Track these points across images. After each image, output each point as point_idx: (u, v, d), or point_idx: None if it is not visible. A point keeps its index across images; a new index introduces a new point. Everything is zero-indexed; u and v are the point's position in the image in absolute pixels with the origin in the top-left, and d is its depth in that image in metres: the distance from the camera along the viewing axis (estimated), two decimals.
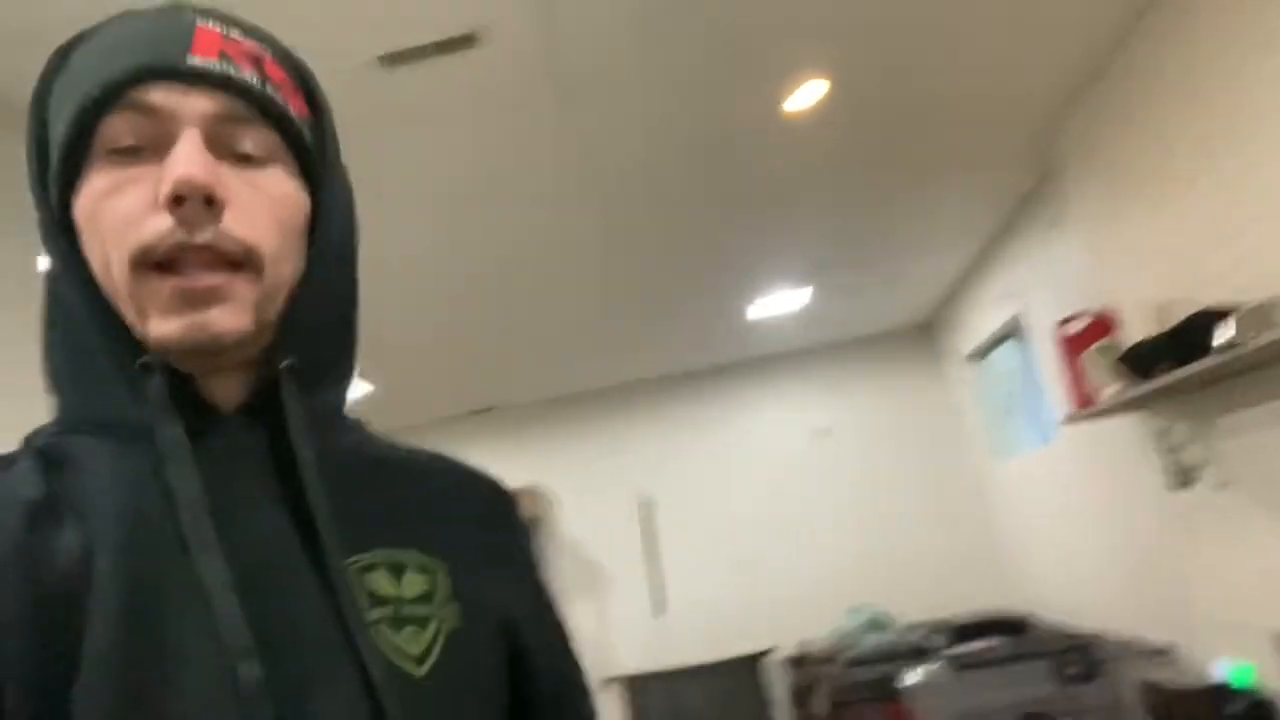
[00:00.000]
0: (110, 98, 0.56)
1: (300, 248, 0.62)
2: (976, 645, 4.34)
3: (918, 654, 4.38)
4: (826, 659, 4.84)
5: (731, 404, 6.10)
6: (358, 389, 5.24)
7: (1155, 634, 3.33)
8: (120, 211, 0.56)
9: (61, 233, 0.60)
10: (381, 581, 0.60)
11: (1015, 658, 4.01)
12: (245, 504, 0.58)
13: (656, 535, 6.00)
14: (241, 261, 0.57)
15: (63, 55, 0.61)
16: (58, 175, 0.59)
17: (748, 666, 5.59)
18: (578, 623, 4.16)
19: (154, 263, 0.55)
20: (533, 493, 6.06)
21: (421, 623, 0.60)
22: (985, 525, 5.52)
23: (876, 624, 4.83)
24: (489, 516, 0.73)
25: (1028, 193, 3.86)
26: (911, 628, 4.84)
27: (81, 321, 0.60)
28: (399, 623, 0.59)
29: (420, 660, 0.58)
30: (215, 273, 0.56)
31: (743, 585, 5.80)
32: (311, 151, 0.64)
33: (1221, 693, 2.54)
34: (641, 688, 5.67)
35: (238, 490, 0.58)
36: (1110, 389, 2.72)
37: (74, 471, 0.57)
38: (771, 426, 6.02)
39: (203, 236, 0.55)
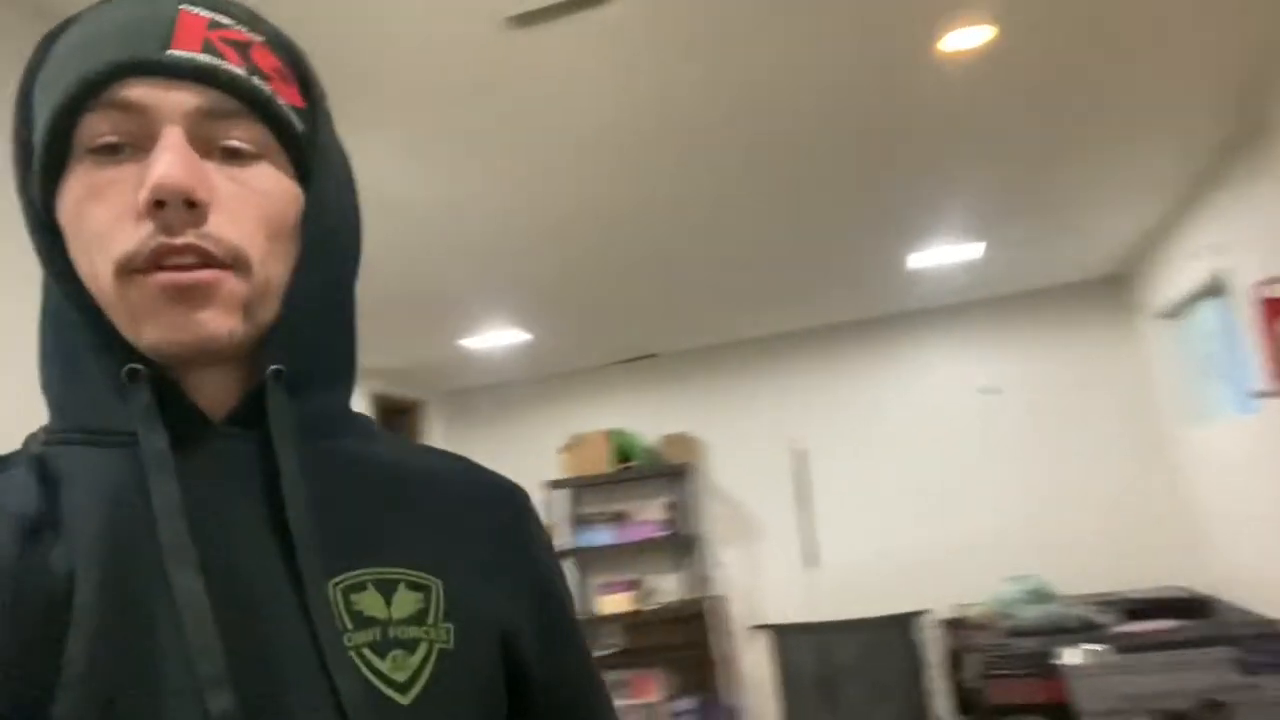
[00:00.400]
0: (88, 95, 0.54)
1: (293, 245, 0.60)
2: (1149, 625, 4.05)
3: (1082, 630, 4.14)
4: (982, 626, 4.66)
5: (892, 357, 5.87)
6: (516, 337, 5.41)
7: None
8: (101, 218, 0.54)
9: (46, 234, 0.58)
10: (370, 601, 0.57)
11: (1194, 641, 3.71)
12: (228, 519, 0.56)
13: (810, 487, 5.92)
14: (228, 263, 0.55)
15: (45, 46, 0.59)
16: (39, 175, 0.57)
17: (900, 625, 5.46)
18: (728, 570, 4.17)
19: (137, 269, 0.54)
20: (686, 440, 6.09)
21: (410, 646, 0.57)
22: (1168, 498, 5.10)
23: (1039, 595, 4.59)
24: (496, 524, 0.69)
25: (1227, 145, 3.44)
26: (1077, 602, 4.57)
27: (70, 325, 0.58)
28: (385, 646, 0.56)
29: (405, 687, 0.56)
30: (200, 271, 0.54)
31: (897, 543, 5.64)
32: (303, 143, 0.61)
33: None
34: (790, 638, 5.66)
35: (221, 504, 0.56)
36: None
37: (64, 482, 0.56)
38: (935, 382, 5.77)
39: (183, 239, 0.53)
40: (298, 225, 0.60)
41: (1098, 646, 3.77)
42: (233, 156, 0.57)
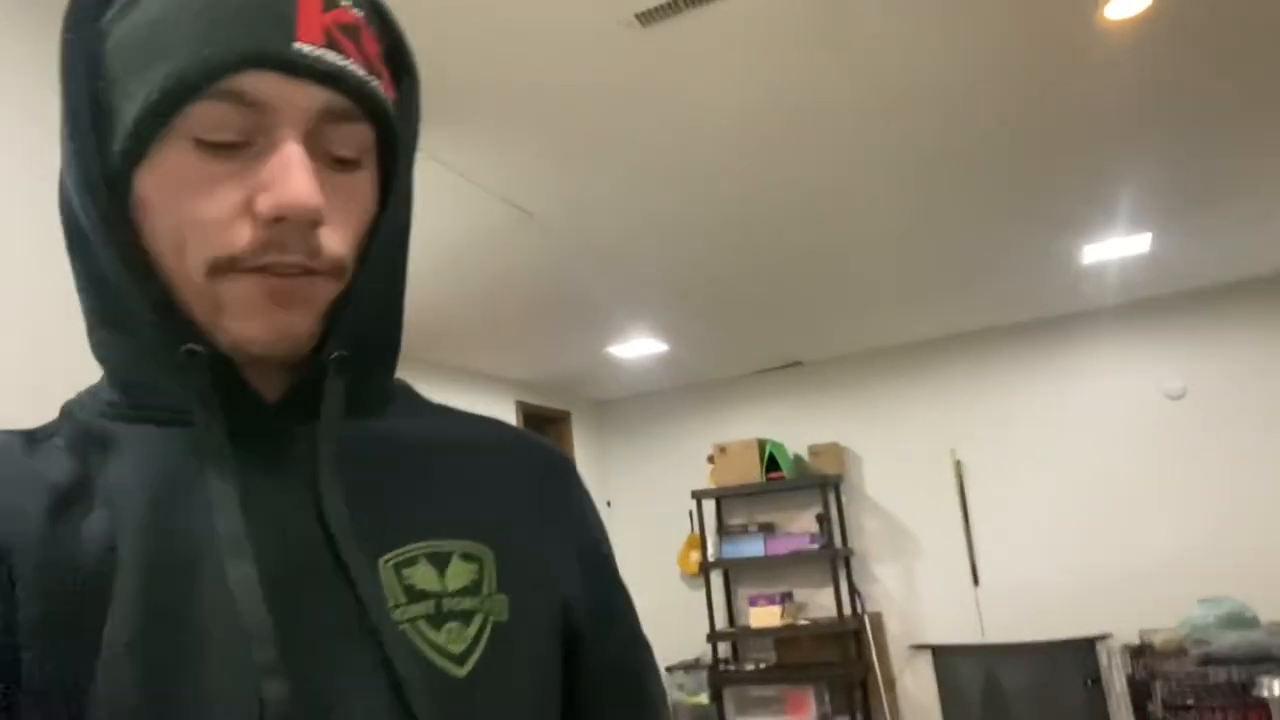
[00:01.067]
0: (206, 81, 0.51)
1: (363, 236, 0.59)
2: None
3: None
4: (1170, 653, 4.25)
5: (1057, 361, 5.49)
6: (657, 346, 5.38)
7: None
8: (205, 211, 0.52)
9: (106, 194, 0.55)
10: (422, 575, 0.57)
11: None
12: (281, 502, 0.55)
13: (970, 500, 5.60)
14: (325, 271, 0.55)
15: None
16: (127, 145, 0.53)
17: (1076, 650, 5.07)
18: (884, 586, 4.00)
19: (235, 268, 0.53)
20: (836, 450, 5.89)
21: (465, 618, 0.57)
22: None
23: (1237, 619, 4.14)
24: (543, 490, 0.68)
25: None
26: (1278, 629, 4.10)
27: (123, 292, 0.56)
28: (440, 619, 0.56)
29: (462, 660, 0.55)
30: (300, 278, 0.54)
31: (1068, 561, 5.25)
32: (399, 143, 0.59)
33: None
34: (954, 659, 5.35)
35: (274, 488, 0.56)
36: None
37: (111, 454, 0.55)
38: (1109, 386, 5.34)
39: (296, 258, 0.53)
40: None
41: None
42: (339, 165, 0.56)
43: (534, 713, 0.60)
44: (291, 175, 0.51)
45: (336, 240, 0.55)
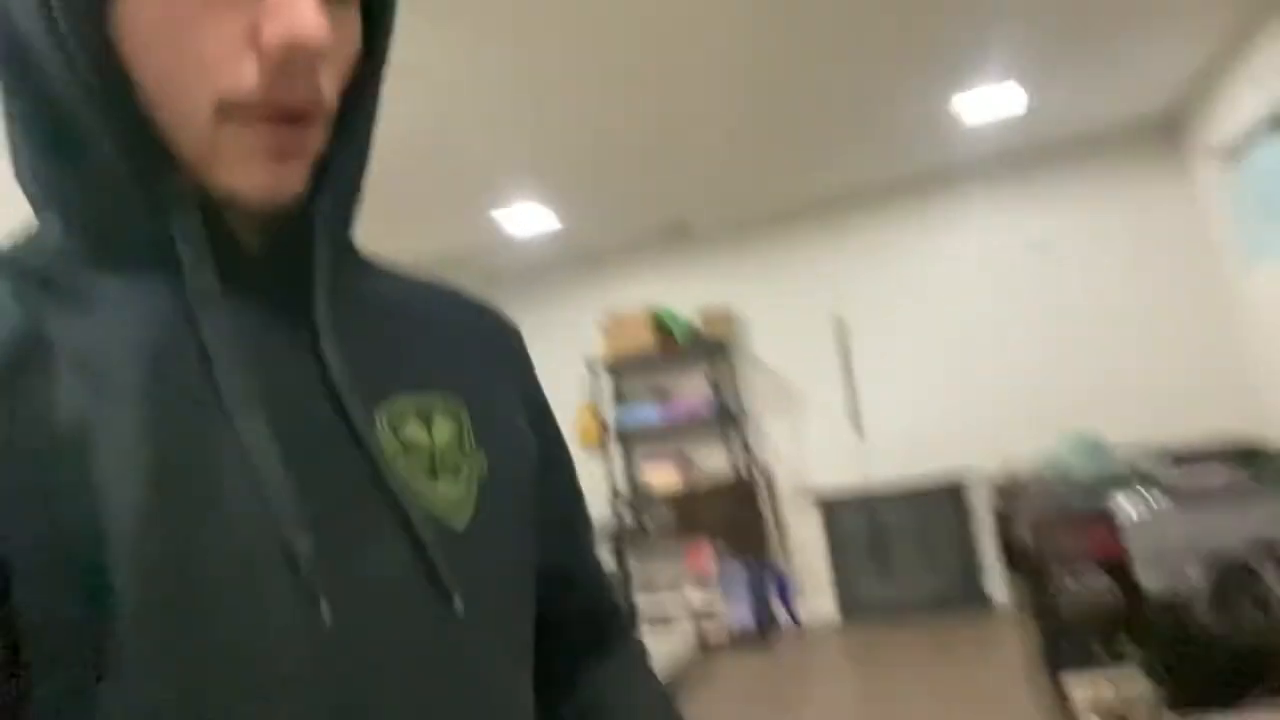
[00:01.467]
0: None
1: None
2: (1204, 472, 4.00)
3: (1136, 480, 4.10)
4: (1034, 481, 4.65)
5: (935, 215, 5.70)
6: (546, 217, 5.31)
7: None
8: (207, 42, 0.48)
9: (85, 7, 0.48)
10: (414, 429, 0.57)
11: (1250, 488, 3.66)
12: (274, 356, 0.53)
13: (853, 355, 5.86)
14: (318, 117, 0.52)
15: None
16: None
17: (950, 487, 5.49)
18: (774, 442, 4.20)
19: (239, 112, 0.49)
20: (725, 314, 6.03)
21: (455, 470, 0.58)
22: (1225, 343, 4.96)
23: (1090, 446, 4.54)
24: (499, 352, 0.70)
25: None
26: (1129, 452, 4.52)
27: (91, 118, 0.50)
28: (435, 472, 0.57)
29: (458, 510, 0.57)
30: (299, 126, 0.51)
31: (945, 406, 5.60)
32: None
33: None
34: (841, 505, 5.72)
35: (267, 341, 0.53)
36: None
37: (73, 306, 0.50)
38: (981, 238, 5.60)
39: (301, 97, 0.49)
40: None
41: (1155, 495, 3.74)
42: None
43: (518, 561, 0.62)
44: (304, 4, 0.47)
45: (330, 84, 0.52)
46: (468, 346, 0.66)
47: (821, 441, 5.90)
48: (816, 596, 5.78)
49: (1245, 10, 3.67)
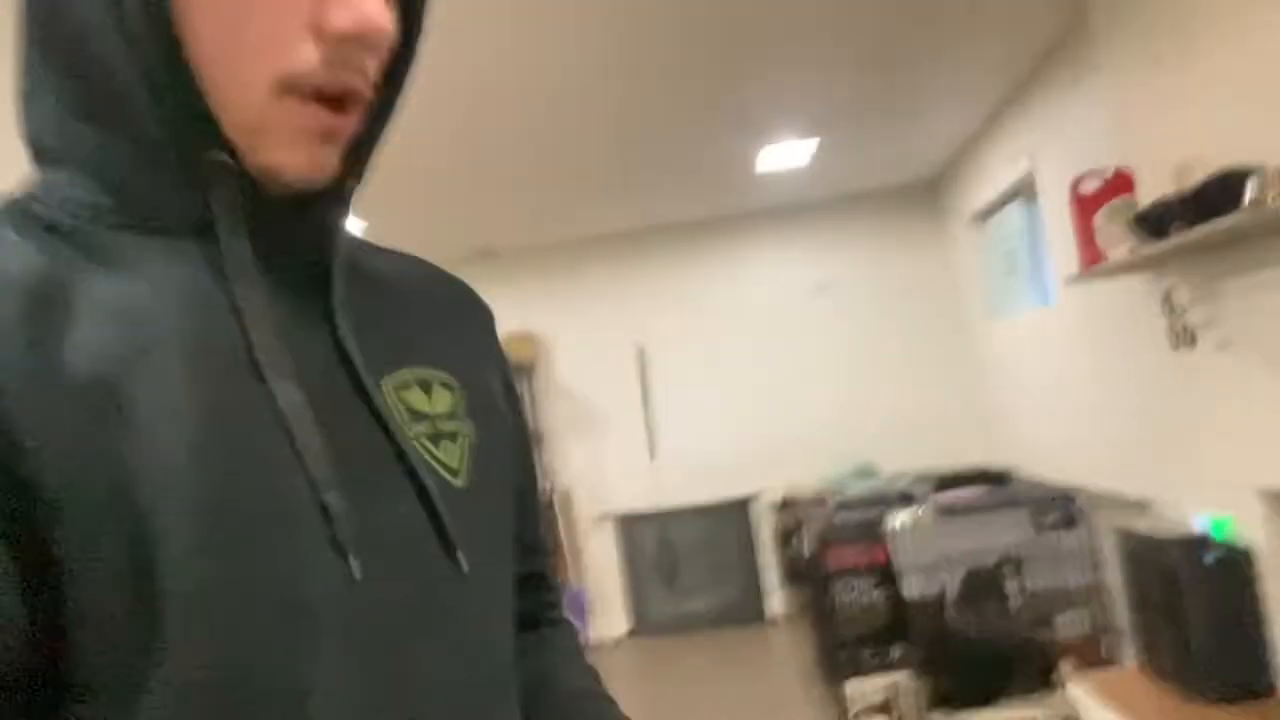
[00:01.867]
0: None
1: None
2: (959, 494, 4.52)
3: (902, 500, 4.56)
4: (814, 503, 5.05)
5: (732, 255, 6.09)
6: (355, 226, 5.19)
7: (1140, 489, 3.47)
8: (268, 25, 0.50)
9: None
10: (417, 398, 0.61)
11: (996, 505, 4.19)
12: (296, 325, 0.56)
13: (652, 381, 6.12)
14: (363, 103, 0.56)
15: None
16: None
17: (736, 508, 5.83)
18: (573, 463, 4.28)
19: (298, 91, 0.52)
20: (528, 336, 6.12)
21: (453, 437, 0.62)
22: (977, 383, 5.64)
23: (864, 471, 5.01)
24: (480, 330, 0.74)
25: (1048, 49, 3.74)
26: (897, 477, 5.03)
27: (135, 93, 0.51)
28: (436, 438, 0.60)
29: (457, 472, 0.61)
30: (347, 113, 0.54)
31: (736, 432, 5.96)
32: None
33: (1199, 543, 2.67)
34: (635, 526, 5.91)
35: (291, 311, 0.56)
36: (1121, 248, 2.73)
37: (108, 262, 0.51)
38: (771, 279, 6.04)
39: (355, 82, 0.53)
40: None
41: (918, 511, 4.19)
42: None
43: (505, 523, 0.67)
44: None
45: (376, 72, 0.55)
46: (454, 323, 0.70)
47: (620, 465, 6.09)
48: (611, 614, 5.94)
49: (1003, 94, 4.26)
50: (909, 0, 3.20)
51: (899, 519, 4.21)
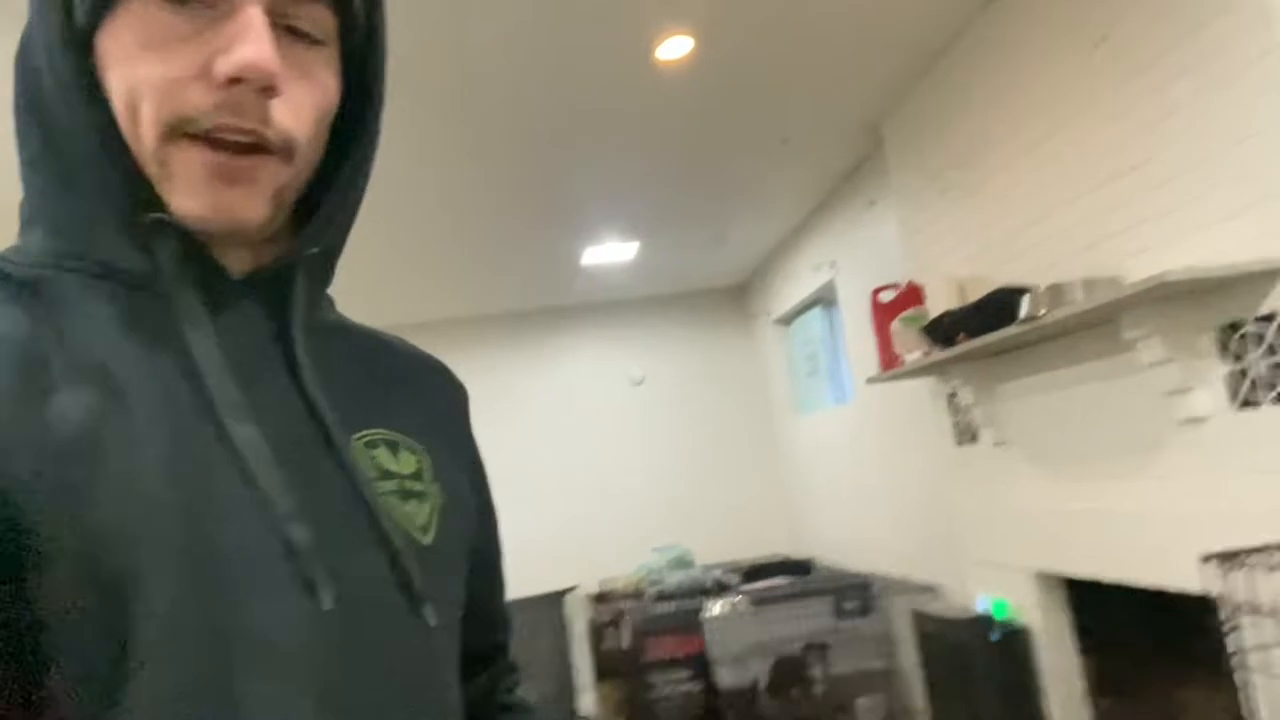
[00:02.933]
0: None
1: (325, 133, 0.60)
2: (767, 583, 4.71)
3: (718, 589, 4.70)
4: (631, 594, 5.09)
5: (552, 348, 6.19)
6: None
7: (930, 575, 3.76)
8: (160, 70, 0.52)
9: (76, 52, 0.53)
10: (385, 456, 0.62)
11: (801, 594, 4.40)
12: (258, 375, 0.57)
13: None
14: (277, 149, 0.55)
15: None
16: None
17: (551, 602, 5.77)
18: None
19: (186, 134, 0.53)
20: None
21: (420, 497, 0.63)
22: (782, 475, 5.94)
23: (681, 561, 5.12)
24: (448, 403, 0.76)
25: (847, 174, 4.16)
26: (712, 567, 5.17)
27: (81, 154, 0.54)
28: (405, 496, 0.61)
29: (425, 530, 0.61)
30: (250, 156, 0.54)
31: (549, 525, 5.94)
32: (360, 33, 0.60)
33: (983, 623, 2.94)
34: None
35: (250, 360, 0.57)
36: (914, 354, 3.03)
37: (64, 311, 0.53)
38: (590, 372, 6.18)
39: (249, 124, 0.53)
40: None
41: (730, 601, 4.33)
42: (299, 39, 0.56)
43: (461, 586, 0.67)
44: (250, 37, 0.51)
45: (290, 115, 0.55)
46: (426, 396, 0.72)
47: None
48: None
49: (808, 209, 4.67)
50: (721, 130, 3.49)
51: (714, 608, 4.34)
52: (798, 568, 4.98)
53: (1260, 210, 1.88)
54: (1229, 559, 1.83)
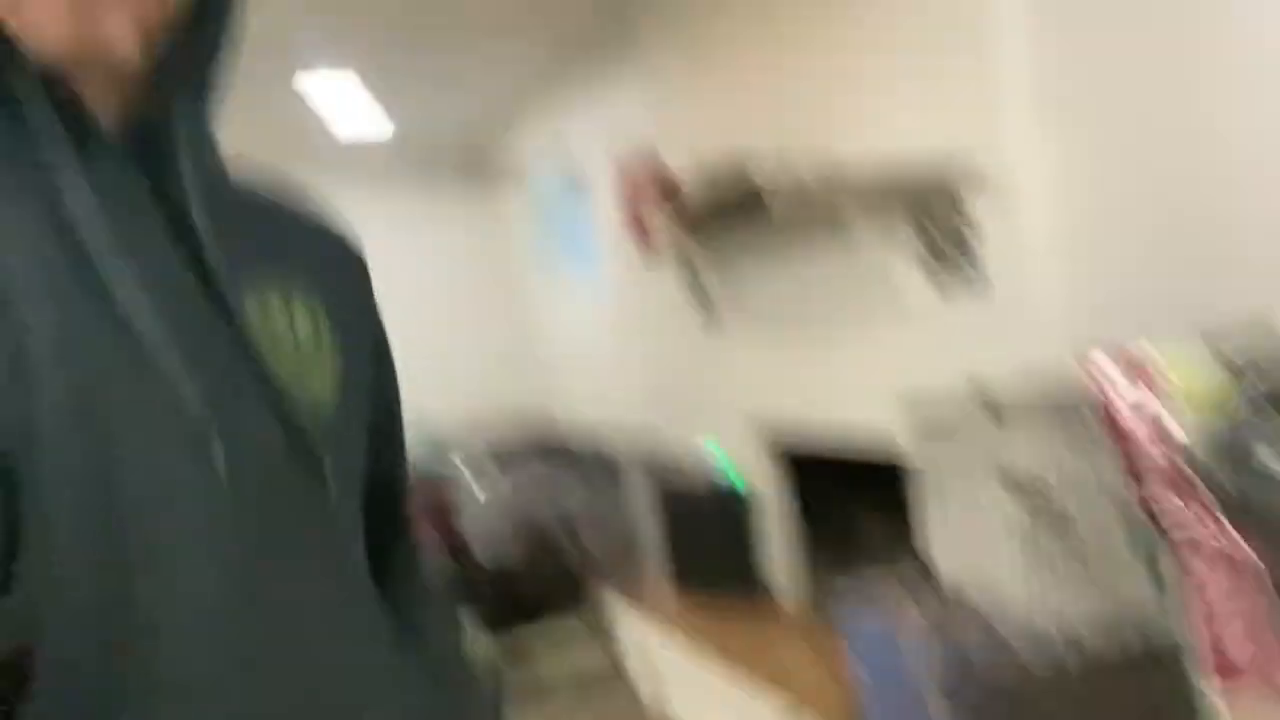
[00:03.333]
0: None
1: None
2: (523, 469, 4.74)
3: (473, 478, 4.67)
4: None
5: None
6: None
7: (670, 434, 3.87)
8: None
9: None
10: (280, 320, 0.59)
11: (550, 468, 4.49)
12: (142, 239, 0.52)
13: None
14: None
15: None
16: None
17: None
18: None
19: None
20: None
21: (319, 361, 0.60)
22: (527, 335, 5.90)
23: (434, 447, 5.03)
24: (347, 261, 0.71)
25: (597, 31, 3.93)
26: (466, 449, 5.09)
27: None
28: (298, 360, 0.59)
29: (320, 398, 0.59)
30: None
31: None
32: None
33: (712, 478, 3.23)
34: None
35: (132, 224, 0.52)
36: (660, 231, 3.05)
37: None
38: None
39: None
40: None
41: (481, 478, 4.34)
42: None
43: (360, 453, 0.65)
44: None
45: None
46: (321, 250, 0.68)
47: None
48: None
49: (553, 69, 4.39)
50: None
51: (467, 496, 4.34)
52: (555, 453, 5.04)
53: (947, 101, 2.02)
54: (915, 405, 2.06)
